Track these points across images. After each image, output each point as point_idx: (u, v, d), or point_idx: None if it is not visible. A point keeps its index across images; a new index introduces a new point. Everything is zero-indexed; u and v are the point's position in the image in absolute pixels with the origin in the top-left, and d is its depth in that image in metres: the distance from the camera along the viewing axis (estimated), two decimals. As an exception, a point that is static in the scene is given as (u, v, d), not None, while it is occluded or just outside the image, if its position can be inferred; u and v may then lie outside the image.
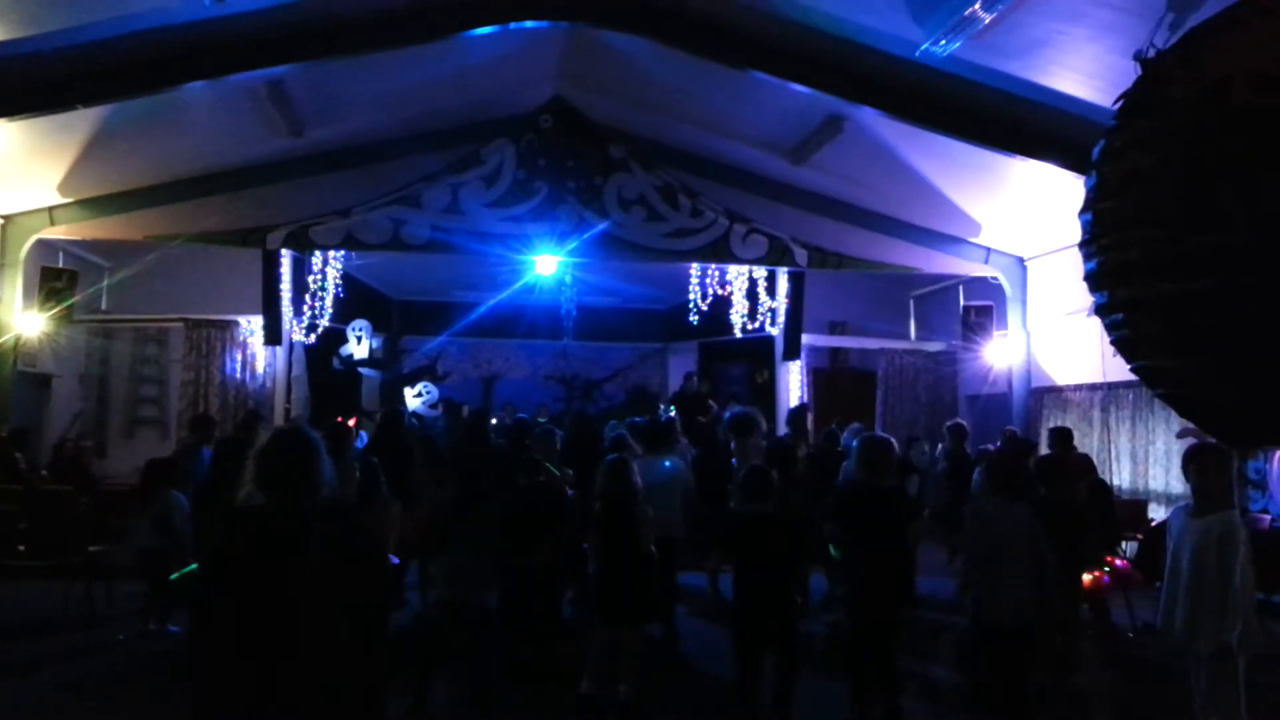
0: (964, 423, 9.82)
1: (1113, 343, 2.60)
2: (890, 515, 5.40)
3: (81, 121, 8.91)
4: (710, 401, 12.61)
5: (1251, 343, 2.21)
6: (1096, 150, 2.59)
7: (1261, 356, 2.21)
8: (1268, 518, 8.26)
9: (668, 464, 7.43)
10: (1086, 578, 6.81)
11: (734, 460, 8.80)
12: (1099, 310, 2.63)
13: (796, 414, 10.93)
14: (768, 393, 13.53)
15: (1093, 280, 2.61)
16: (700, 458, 9.19)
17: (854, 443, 8.18)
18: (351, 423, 9.17)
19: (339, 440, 6.77)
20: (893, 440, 5.88)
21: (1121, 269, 2.45)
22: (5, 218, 10.70)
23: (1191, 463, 4.48)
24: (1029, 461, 7.19)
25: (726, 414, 9.75)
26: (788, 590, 5.45)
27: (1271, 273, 2.11)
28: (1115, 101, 2.53)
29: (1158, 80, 2.41)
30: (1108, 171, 2.51)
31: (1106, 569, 7.22)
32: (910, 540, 5.68)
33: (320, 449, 2.90)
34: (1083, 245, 2.64)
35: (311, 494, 2.82)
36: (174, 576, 7.01)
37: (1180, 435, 9.19)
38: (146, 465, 7.89)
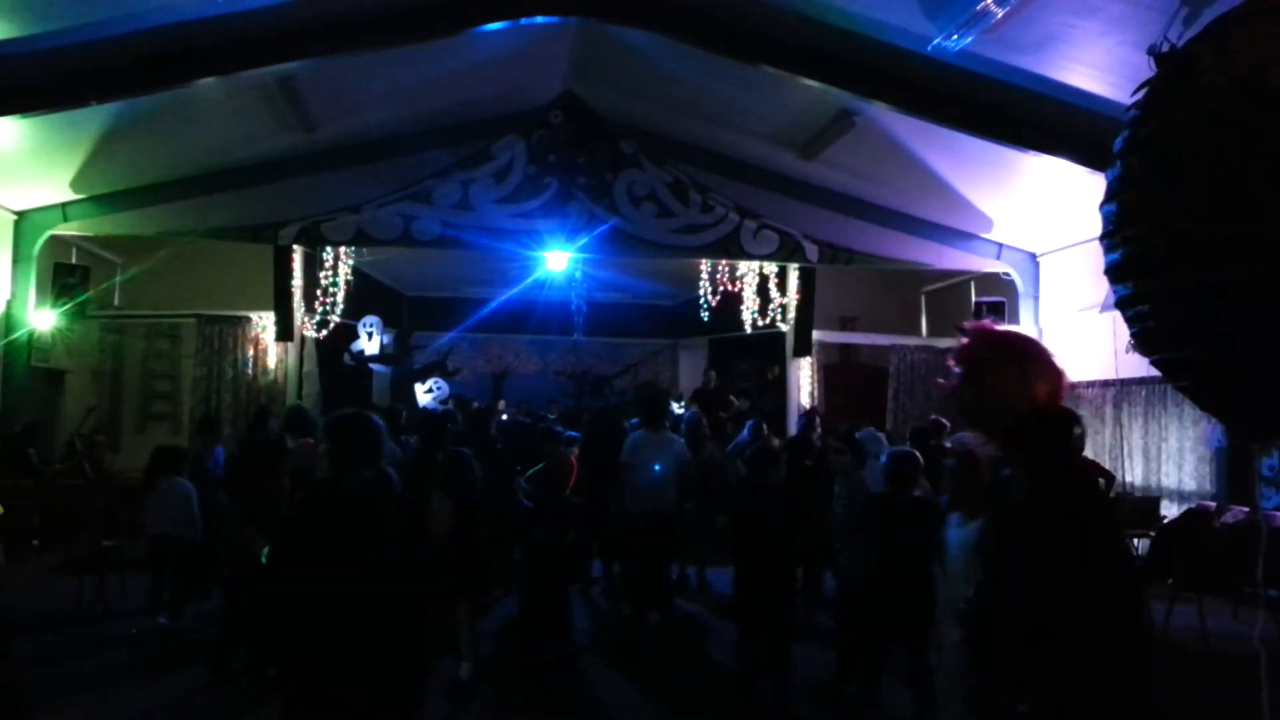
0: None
1: (1133, 335, 2.58)
2: (916, 525, 5.57)
3: (94, 118, 8.95)
4: (731, 397, 12.64)
5: (1278, 335, 2.19)
6: (1119, 140, 2.56)
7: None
8: (1282, 515, 8.20)
9: (671, 446, 7.43)
10: None
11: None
12: (1120, 303, 2.60)
13: (808, 417, 10.97)
14: (778, 389, 13.51)
15: (1114, 272, 2.58)
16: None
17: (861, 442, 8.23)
18: None
19: None
20: (917, 454, 6.06)
21: (1147, 260, 2.42)
22: (19, 214, 10.77)
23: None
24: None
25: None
26: (787, 561, 5.79)
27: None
28: (1136, 90, 2.51)
29: (1187, 68, 2.38)
30: (1133, 161, 2.48)
31: None
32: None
33: (381, 430, 3.54)
34: (1104, 238, 2.61)
35: (372, 466, 3.43)
36: None
37: (952, 446, 9.14)
38: (154, 452, 7.94)
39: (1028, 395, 2.24)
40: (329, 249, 12.01)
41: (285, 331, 11.64)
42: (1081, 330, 11.46)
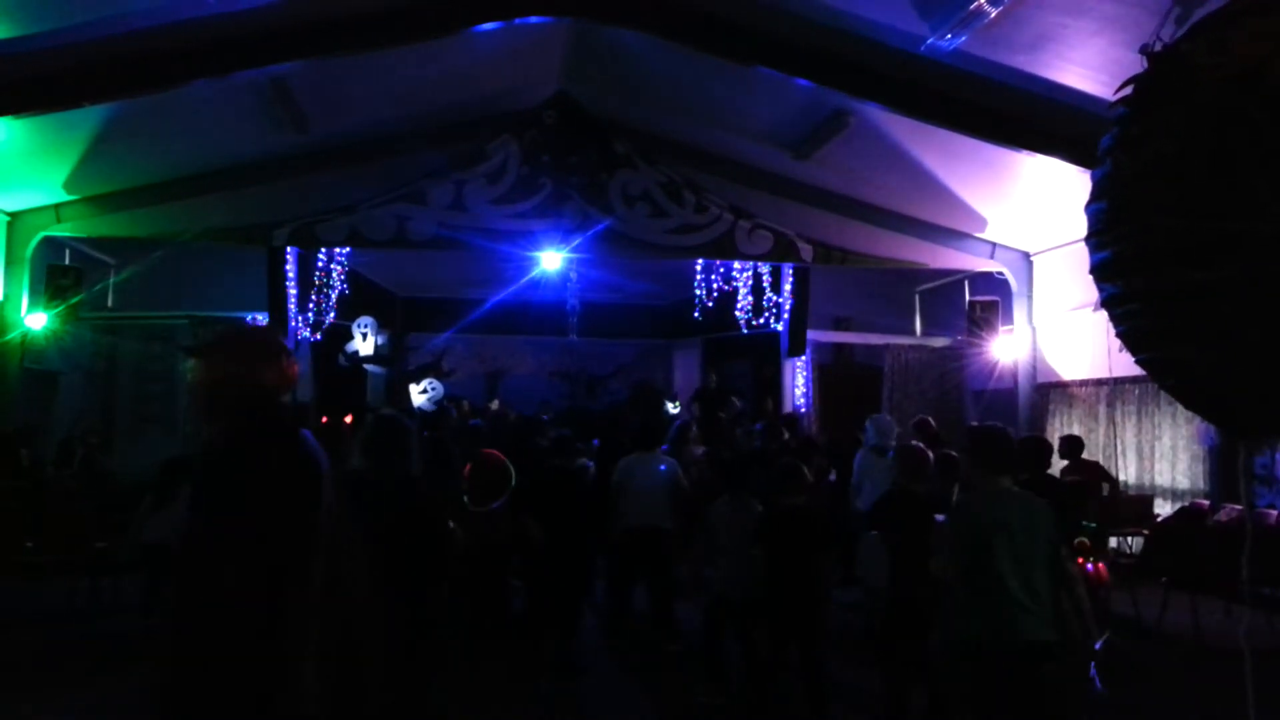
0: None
1: (1120, 334, 2.57)
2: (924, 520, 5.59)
3: (87, 119, 8.92)
4: (732, 398, 12.68)
5: (1273, 333, 2.19)
6: (1107, 138, 2.56)
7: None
8: (1274, 513, 8.23)
9: (661, 466, 7.50)
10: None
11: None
12: (1108, 302, 2.60)
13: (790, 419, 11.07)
14: (773, 389, 13.53)
15: (1102, 271, 2.57)
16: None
17: (870, 430, 8.22)
18: (348, 420, 9.17)
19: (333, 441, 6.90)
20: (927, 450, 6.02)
21: (1138, 259, 2.42)
22: (12, 215, 10.73)
23: None
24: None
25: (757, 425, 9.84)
26: (818, 582, 5.62)
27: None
28: (1121, 87, 2.50)
29: (1180, 65, 2.38)
30: (1125, 159, 2.48)
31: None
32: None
33: (410, 432, 3.98)
34: (1091, 237, 2.61)
35: (399, 463, 3.87)
36: None
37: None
38: (166, 462, 7.91)
39: (260, 381, 2.69)
40: (323, 250, 11.99)
41: (279, 332, 11.62)
42: (1075, 329, 11.49)
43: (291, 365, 2.81)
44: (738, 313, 13.43)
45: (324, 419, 8.87)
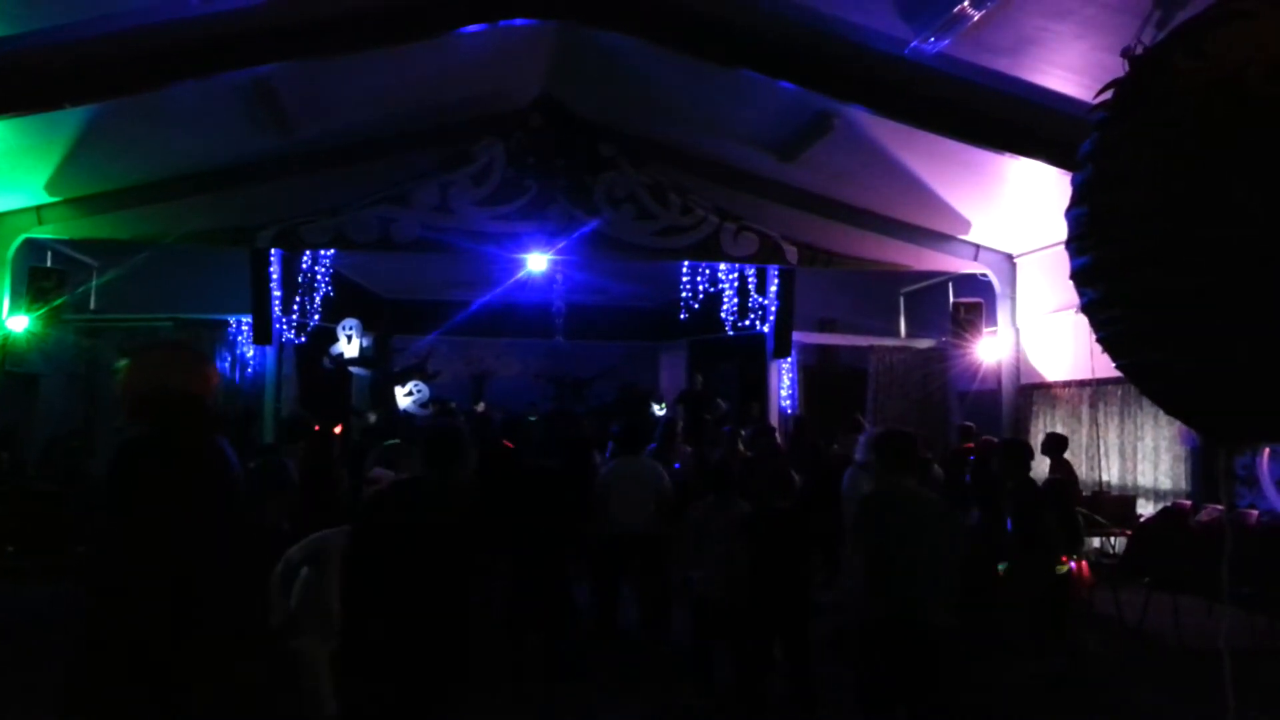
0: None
1: (1100, 339, 2.59)
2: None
3: (69, 121, 8.86)
4: (717, 399, 12.69)
5: (1252, 339, 2.21)
6: (1088, 143, 2.57)
7: (1261, 353, 2.21)
8: (1255, 513, 8.31)
9: (648, 469, 7.46)
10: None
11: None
12: (1088, 307, 2.61)
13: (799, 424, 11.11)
14: (758, 390, 13.56)
15: (1082, 276, 2.59)
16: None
17: (860, 447, 8.16)
18: (337, 430, 9.08)
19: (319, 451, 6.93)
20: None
21: (1117, 264, 2.43)
22: (-8, 217, 10.66)
23: None
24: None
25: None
26: (804, 585, 5.68)
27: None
28: (1101, 91, 2.51)
29: (1159, 71, 2.39)
30: (1105, 164, 2.49)
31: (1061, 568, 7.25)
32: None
33: (467, 441, 4.29)
34: (1071, 241, 2.62)
35: (458, 469, 4.17)
36: None
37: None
38: None
39: (185, 389, 2.94)
40: (307, 252, 11.95)
41: (263, 335, 11.57)
42: (1057, 330, 11.57)
43: (214, 376, 3.14)
44: (723, 315, 13.45)
45: (315, 428, 8.78)
